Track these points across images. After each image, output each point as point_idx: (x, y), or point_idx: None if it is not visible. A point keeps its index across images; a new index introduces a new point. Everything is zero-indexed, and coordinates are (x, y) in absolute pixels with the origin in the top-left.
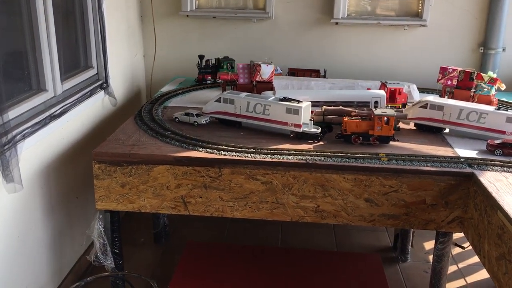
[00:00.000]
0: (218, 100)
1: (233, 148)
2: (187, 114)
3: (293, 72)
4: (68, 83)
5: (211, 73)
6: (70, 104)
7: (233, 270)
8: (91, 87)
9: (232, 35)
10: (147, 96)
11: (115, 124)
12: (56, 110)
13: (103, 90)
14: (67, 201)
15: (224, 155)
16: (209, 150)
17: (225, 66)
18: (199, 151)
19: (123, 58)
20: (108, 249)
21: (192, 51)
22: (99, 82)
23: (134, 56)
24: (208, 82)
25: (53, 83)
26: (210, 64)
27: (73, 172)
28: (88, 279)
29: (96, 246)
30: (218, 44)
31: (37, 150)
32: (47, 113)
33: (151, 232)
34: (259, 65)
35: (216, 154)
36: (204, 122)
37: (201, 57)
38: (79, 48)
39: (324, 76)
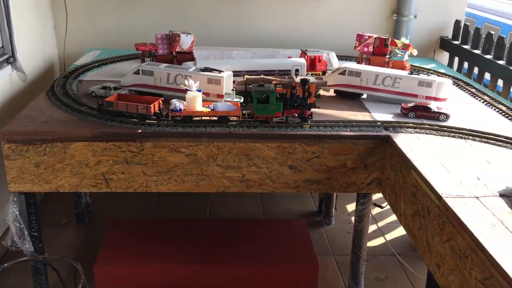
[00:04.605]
0: (137, 72)
1: (154, 121)
2: (104, 88)
3: None
4: None
5: None
6: None
7: (161, 244)
8: None
9: (149, 3)
10: (61, 70)
11: (25, 101)
12: None
13: (10, 65)
14: None
15: (145, 128)
16: (129, 124)
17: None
18: (118, 125)
19: (31, 30)
20: (26, 232)
21: (107, 21)
22: (5, 57)
23: (44, 27)
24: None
25: None
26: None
27: None
28: (5, 265)
29: (12, 230)
30: (134, 13)
31: None
32: None
33: (73, 212)
34: (179, 35)
35: (136, 128)
36: None
37: None
38: None
39: None
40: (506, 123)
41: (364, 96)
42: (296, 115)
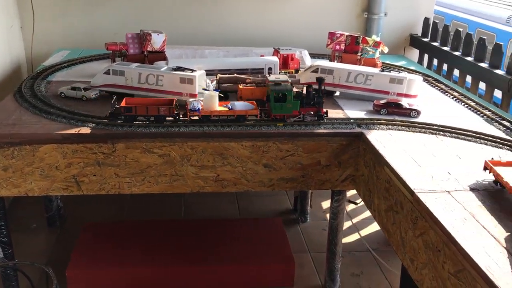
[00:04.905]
0: (107, 72)
1: (126, 122)
2: (74, 89)
3: None
4: None
5: None
6: None
7: (135, 247)
8: None
9: (119, 2)
10: (28, 71)
11: None
12: None
13: None
14: None
15: (117, 129)
16: (100, 125)
17: None
18: (89, 127)
19: None
20: None
21: (76, 21)
22: None
23: (10, 27)
24: None
25: None
26: None
27: None
28: None
29: None
30: (104, 12)
31: None
32: None
33: (44, 216)
34: (150, 34)
35: (108, 129)
36: (94, 96)
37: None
38: None
39: None
40: (475, 118)
41: (337, 93)
42: (312, 113)
